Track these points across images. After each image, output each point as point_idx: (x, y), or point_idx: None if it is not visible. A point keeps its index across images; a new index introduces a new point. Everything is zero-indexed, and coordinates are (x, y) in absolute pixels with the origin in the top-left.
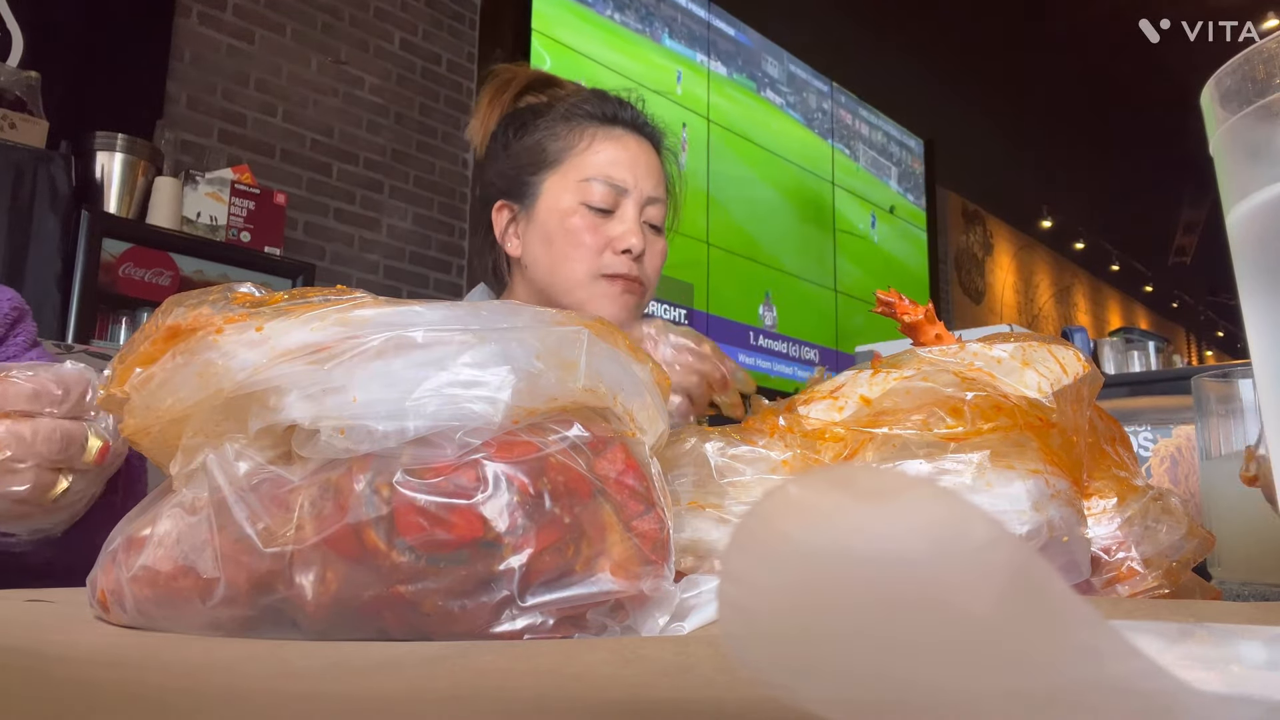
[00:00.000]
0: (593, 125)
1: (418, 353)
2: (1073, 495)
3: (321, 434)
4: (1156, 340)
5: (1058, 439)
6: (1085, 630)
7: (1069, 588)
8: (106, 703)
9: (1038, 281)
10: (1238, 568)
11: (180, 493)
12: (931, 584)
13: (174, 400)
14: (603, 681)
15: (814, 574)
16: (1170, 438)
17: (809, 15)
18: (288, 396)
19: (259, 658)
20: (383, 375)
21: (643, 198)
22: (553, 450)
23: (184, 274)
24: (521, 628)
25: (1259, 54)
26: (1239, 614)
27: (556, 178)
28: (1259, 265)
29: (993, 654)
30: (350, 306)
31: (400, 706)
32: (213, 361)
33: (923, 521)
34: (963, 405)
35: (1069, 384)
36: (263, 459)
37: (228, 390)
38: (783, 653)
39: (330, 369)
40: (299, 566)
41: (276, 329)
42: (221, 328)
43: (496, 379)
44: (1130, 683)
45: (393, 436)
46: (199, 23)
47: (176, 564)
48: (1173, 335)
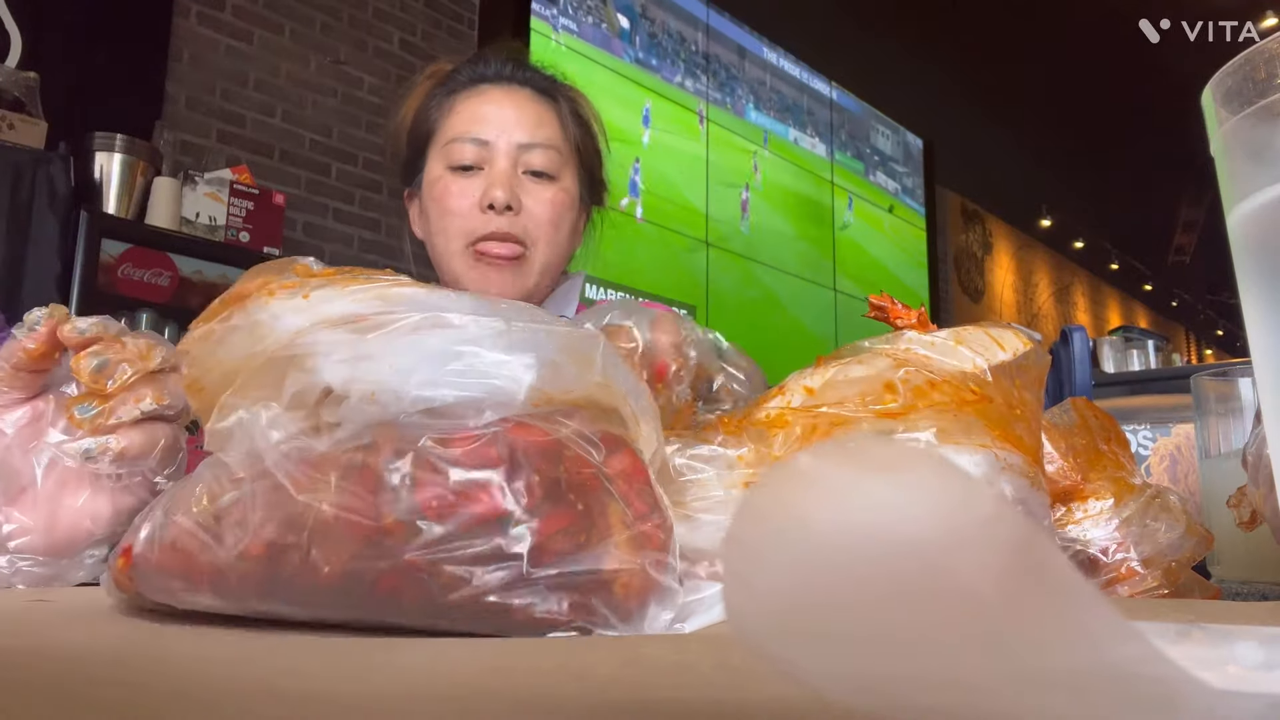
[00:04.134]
0: (463, 90)
1: (451, 332)
2: (1027, 467)
3: (352, 397)
4: (1156, 339)
5: (999, 413)
6: (1087, 612)
7: (1071, 565)
8: (107, 703)
9: (1037, 280)
10: (1237, 566)
11: (214, 456)
12: (936, 560)
13: (224, 355)
14: (603, 681)
15: (819, 548)
16: (1169, 436)
17: (809, 15)
18: (324, 359)
19: (258, 657)
20: (416, 348)
21: (512, 145)
22: (568, 440)
23: (183, 274)
24: (530, 603)
25: (1260, 54)
26: (1238, 614)
27: (432, 150)
28: (1260, 265)
29: (995, 631)
30: (391, 284)
31: (400, 706)
32: (261, 322)
33: (927, 496)
34: (896, 382)
35: (1008, 359)
36: (293, 428)
37: (270, 348)
38: (786, 626)
39: (367, 338)
40: (317, 532)
41: (321, 297)
42: (275, 291)
43: (522, 362)
44: (1132, 667)
45: (420, 402)
46: (198, 23)
47: (199, 521)
48: (1172, 334)
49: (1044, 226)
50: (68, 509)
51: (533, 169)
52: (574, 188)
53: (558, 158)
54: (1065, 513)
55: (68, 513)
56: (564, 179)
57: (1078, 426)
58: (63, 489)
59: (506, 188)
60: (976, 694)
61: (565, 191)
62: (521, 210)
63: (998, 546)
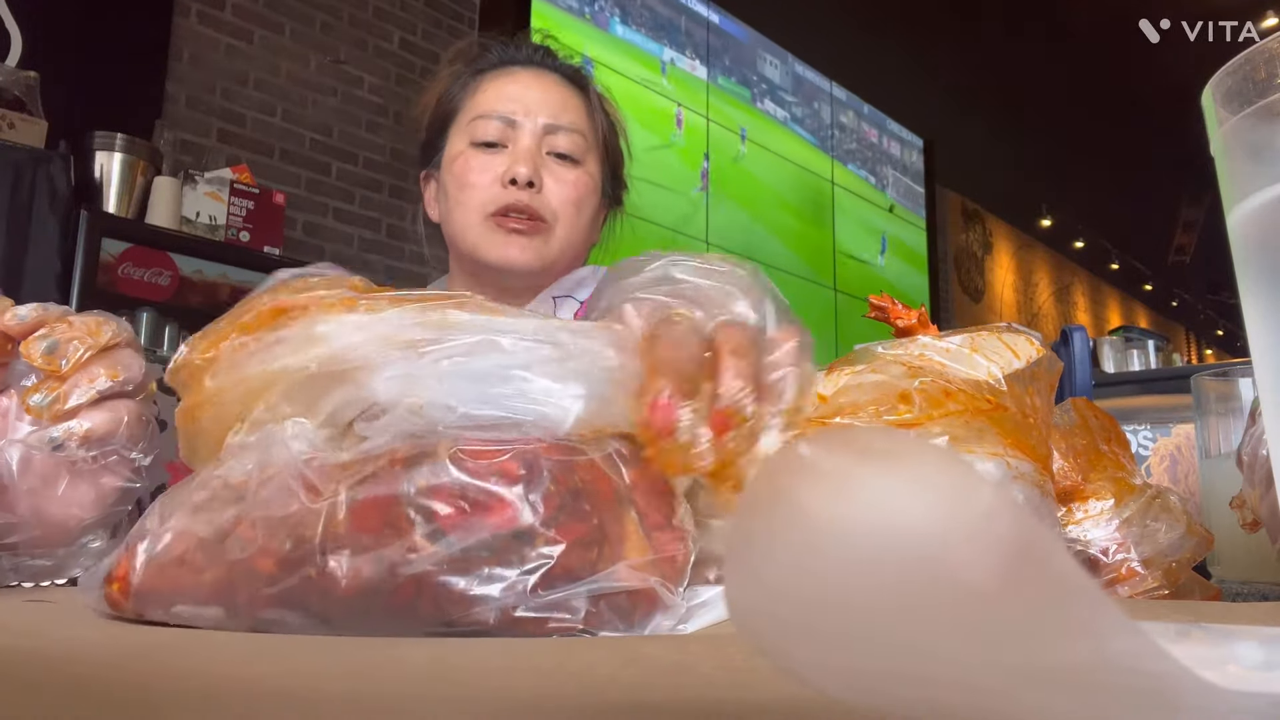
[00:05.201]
0: (492, 70)
1: (504, 357)
2: (1037, 475)
3: (395, 410)
4: (1156, 339)
5: (1013, 422)
6: (1088, 608)
7: (1073, 560)
8: (107, 703)
9: (1037, 280)
10: (1237, 566)
11: (226, 465)
12: (936, 553)
13: (262, 369)
14: (603, 681)
15: (820, 538)
16: (1169, 436)
17: (809, 15)
18: (376, 375)
19: (261, 657)
20: (468, 371)
21: (539, 126)
22: (592, 454)
23: (183, 274)
24: (545, 616)
25: (1260, 54)
26: (1238, 614)
27: (454, 129)
28: (1260, 266)
29: (995, 627)
30: (453, 306)
31: (400, 706)
32: (316, 335)
33: (929, 488)
34: (911, 392)
35: (1021, 367)
36: (320, 443)
37: (322, 359)
38: (785, 617)
39: (421, 356)
40: (333, 542)
41: (381, 315)
42: (335, 304)
43: (571, 393)
44: (1133, 664)
45: (466, 420)
46: (198, 22)
47: (204, 538)
48: (1172, 334)
49: (1044, 226)
50: (51, 499)
51: (558, 151)
52: (597, 175)
53: (583, 142)
54: (1065, 513)
55: (52, 503)
56: (588, 164)
57: (1078, 427)
58: (42, 481)
59: (530, 164)
60: (977, 691)
61: (589, 176)
62: (543, 188)
63: (998, 540)
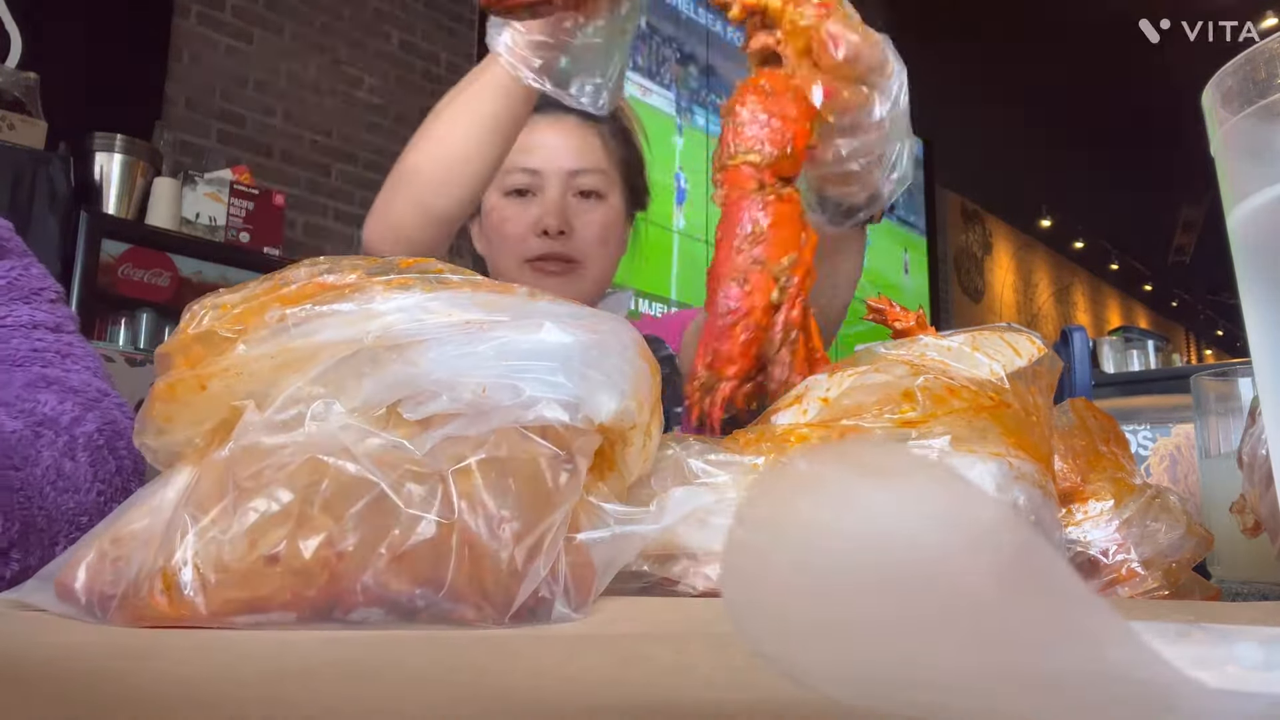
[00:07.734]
0: None
1: (557, 346)
2: (1040, 476)
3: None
4: (1156, 339)
5: (1015, 420)
6: (1087, 616)
7: (1072, 571)
8: (106, 703)
9: (1037, 280)
10: (1237, 566)
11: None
12: (935, 565)
13: (304, 342)
14: (602, 681)
15: (818, 549)
16: (1169, 436)
17: None
18: (430, 352)
19: (257, 657)
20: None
21: (561, 171)
22: None
23: (183, 275)
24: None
25: (1260, 55)
26: (1238, 614)
27: None
28: (1260, 265)
29: (994, 636)
30: (503, 291)
31: (400, 706)
32: (369, 310)
33: (928, 502)
34: (915, 391)
35: (1023, 366)
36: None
37: (374, 334)
38: (784, 625)
39: (475, 338)
40: (410, 540)
41: (435, 295)
42: (391, 283)
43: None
44: (1131, 670)
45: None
46: (197, 23)
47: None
48: (1172, 334)
49: (1044, 226)
50: None
51: (582, 189)
52: (620, 204)
53: (604, 179)
54: (1065, 514)
55: None
56: (611, 197)
57: (1077, 427)
58: None
59: (558, 214)
60: (976, 695)
61: (612, 209)
62: (573, 233)
63: (997, 549)
